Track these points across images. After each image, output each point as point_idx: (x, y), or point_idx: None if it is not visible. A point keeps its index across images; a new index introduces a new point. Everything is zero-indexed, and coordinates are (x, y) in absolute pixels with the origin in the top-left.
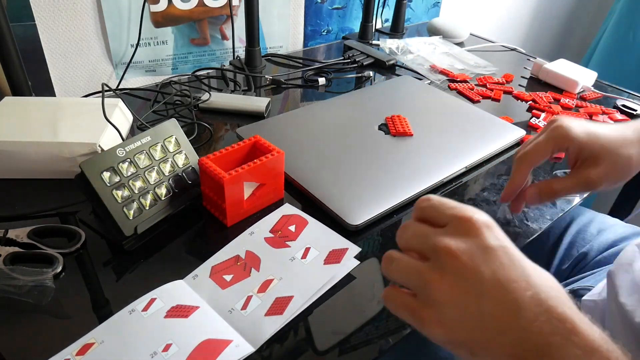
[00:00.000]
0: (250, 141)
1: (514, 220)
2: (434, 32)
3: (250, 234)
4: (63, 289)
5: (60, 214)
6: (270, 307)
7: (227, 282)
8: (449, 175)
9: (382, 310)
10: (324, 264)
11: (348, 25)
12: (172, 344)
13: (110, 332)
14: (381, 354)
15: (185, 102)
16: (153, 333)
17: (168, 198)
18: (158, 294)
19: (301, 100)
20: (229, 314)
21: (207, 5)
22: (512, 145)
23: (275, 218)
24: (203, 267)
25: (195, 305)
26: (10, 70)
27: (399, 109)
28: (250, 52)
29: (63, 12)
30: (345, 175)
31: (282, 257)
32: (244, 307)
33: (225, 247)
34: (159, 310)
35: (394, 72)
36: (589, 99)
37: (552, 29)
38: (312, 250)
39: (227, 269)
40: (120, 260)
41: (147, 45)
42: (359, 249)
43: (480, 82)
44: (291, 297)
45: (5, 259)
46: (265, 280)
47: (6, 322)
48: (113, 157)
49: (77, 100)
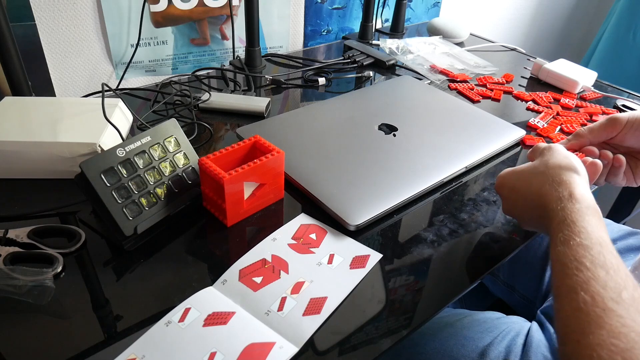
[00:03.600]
0: (250, 141)
1: (514, 220)
2: (434, 32)
3: (272, 239)
4: (63, 289)
5: (60, 214)
6: (306, 307)
7: (258, 285)
8: (449, 175)
9: (382, 310)
10: (350, 269)
11: (348, 25)
12: (217, 352)
13: (150, 347)
14: (381, 354)
15: (185, 102)
16: (195, 343)
17: (168, 198)
18: (192, 303)
19: (301, 100)
20: (266, 316)
21: (207, 5)
22: (512, 145)
23: (294, 226)
24: (230, 271)
25: (231, 311)
26: (10, 70)
27: (399, 109)
28: (250, 52)
29: (63, 12)
30: (346, 175)
31: (309, 261)
32: (280, 308)
33: (249, 251)
34: (196, 320)
35: (394, 72)
36: (589, 99)
37: (552, 29)
38: (336, 256)
39: (256, 271)
40: (120, 260)
41: (147, 45)
42: (381, 254)
43: (480, 82)
44: (325, 297)
45: (5, 259)
46: (297, 282)
47: (6, 322)
48: (113, 157)
49: (77, 100)
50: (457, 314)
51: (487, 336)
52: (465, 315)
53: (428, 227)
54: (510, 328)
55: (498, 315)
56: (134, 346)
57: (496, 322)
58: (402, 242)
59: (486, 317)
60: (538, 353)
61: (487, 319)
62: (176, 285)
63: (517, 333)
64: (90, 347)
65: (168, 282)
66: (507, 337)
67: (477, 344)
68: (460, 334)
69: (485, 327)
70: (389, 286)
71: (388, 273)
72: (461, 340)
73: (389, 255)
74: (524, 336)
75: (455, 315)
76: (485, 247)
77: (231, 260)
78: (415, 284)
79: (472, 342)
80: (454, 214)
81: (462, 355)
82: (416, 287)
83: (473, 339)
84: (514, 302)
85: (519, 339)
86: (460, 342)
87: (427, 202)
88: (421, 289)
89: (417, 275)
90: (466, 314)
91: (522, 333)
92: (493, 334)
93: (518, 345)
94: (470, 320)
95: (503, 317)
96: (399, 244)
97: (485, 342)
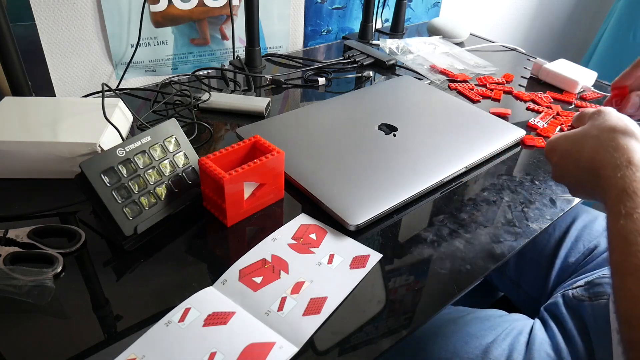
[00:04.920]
0: (250, 141)
1: (514, 220)
2: (434, 32)
3: (272, 239)
4: (63, 289)
5: (60, 214)
6: (306, 307)
7: (258, 285)
8: (449, 175)
9: (382, 310)
10: (350, 269)
11: (348, 25)
12: (217, 352)
13: (150, 347)
14: (381, 354)
15: (185, 102)
16: (195, 343)
17: (168, 198)
18: (192, 303)
19: (301, 100)
20: (266, 316)
21: (207, 5)
22: (511, 145)
23: (294, 226)
24: (230, 271)
25: (231, 311)
26: (10, 70)
27: (399, 109)
28: (250, 52)
29: (63, 12)
30: (345, 175)
31: (309, 261)
32: (280, 308)
33: (249, 251)
34: (196, 320)
35: (394, 72)
36: (589, 99)
37: (552, 29)
38: (336, 256)
39: (256, 271)
40: (120, 260)
41: (147, 45)
42: (381, 254)
43: (480, 82)
44: (325, 297)
45: (5, 259)
46: (297, 282)
47: (6, 322)
48: (113, 157)
49: (77, 100)
50: (459, 310)
51: (490, 334)
52: (468, 312)
53: (428, 227)
54: (514, 326)
55: (501, 313)
56: (134, 346)
57: (499, 320)
58: (402, 242)
59: (489, 315)
60: (541, 351)
61: (490, 316)
62: (176, 285)
63: (520, 331)
64: (90, 347)
65: (168, 282)
66: (511, 335)
67: (481, 342)
68: (463, 330)
69: (489, 324)
70: (389, 286)
71: (388, 273)
72: (464, 337)
73: (389, 255)
74: (527, 334)
75: (458, 312)
76: (485, 247)
77: (231, 260)
78: (415, 284)
79: (475, 340)
80: (454, 214)
81: (465, 352)
82: (416, 287)
83: (476, 336)
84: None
85: (522, 337)
86: (463, 339)
87: (427, 202)
88: (421, 289)
89: (417, 275)
90: (469, 311)
91: (525, 331)
92: (496, 331)
93: (521, 343)
94: (473, 317)
95: (506, 315)
96: (399, 244)
97: (488, 339)
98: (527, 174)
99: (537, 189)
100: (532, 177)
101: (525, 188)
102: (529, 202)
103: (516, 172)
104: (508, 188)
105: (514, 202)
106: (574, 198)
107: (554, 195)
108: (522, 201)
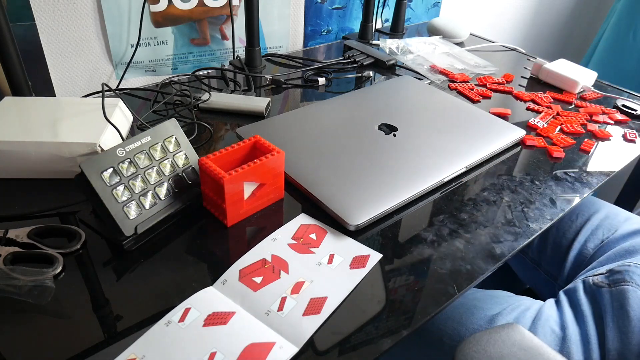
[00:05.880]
0: (250, 141)
1: (514, 220)
2: (434, 32)
3: (272, 239)
4: (63, 289)
5: (60, 214)
6: (306, 307)
7: (258, 285)
8: (449, 175)
9: (382, 310)
10: (350, 269)
11: (348, 25)
12: (217, 352)
13: (150, 346)
14: (381, 354)
15: (185, 102)
16: (195, 343)
17: (168, 198)
18: (192, 303)
19: (301, 100)
20: (266, 316)
21: (207, 5)
22: (511, 145)
23: (294, 226)
24: (231, 271)
25: (231, 311)
26: (10, 70)
27: (399, 109)
28: (250, 52)
29: (63, 12)
30: (346, 175)
31: (309, 261)
32: (280, 308)
33: (249, 251)
34: (196, 320)
35: (394, 72)
36: (589, 99)
37: (552, 29)
38: (336, 256)
39: (256, 271)
40: (120, 260)
41: (147, 45)
42: (381, 255)
43: (480, 82)
44: (325, 297)
45: (5, 259)
46: (297, 282)
47: (6, 322)
48: (113, 157)
49: (77, 100)
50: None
51: (496, 307)
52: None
53: (428, 227)
54: (521, 303)
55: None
56: (134, 346)
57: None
58: (402, 242)
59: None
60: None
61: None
62: (176, 285)
63: (528, 307)
64: (90, 347)
65: (168, 282)
66: (517, 309)
67: (486, 313)
68: (470, 304)
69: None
70: (389, 286)
71: (388, 273)
72: (471, 309)
73: (389, 255)
74: (534, 311)
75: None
76: (485, 247)
77: (231, 260)
78: (415, 284)
79: (481, 312)
80: (454, 214)
81: (470, 322)
82: (416, 287)
83: (482, 309)
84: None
85: (529, 312)
86: (469, 311)
87: (427, 202)
88: (421, 289)
89: (417, 275)
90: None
91: (533, 308)
92: (502, 305)
93: (527, 317)
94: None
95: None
96: (399, 244)
97: (494, 311)
98: (527, 174)
99: (537, 189)
100: (532, 177)
101: (525, 188)
102: (529, 202)
103: (516, 172)
104: (508, 188)
105: (514, 202)
106: (574, 198)
107: (554, 195)
108: (522, 201)
